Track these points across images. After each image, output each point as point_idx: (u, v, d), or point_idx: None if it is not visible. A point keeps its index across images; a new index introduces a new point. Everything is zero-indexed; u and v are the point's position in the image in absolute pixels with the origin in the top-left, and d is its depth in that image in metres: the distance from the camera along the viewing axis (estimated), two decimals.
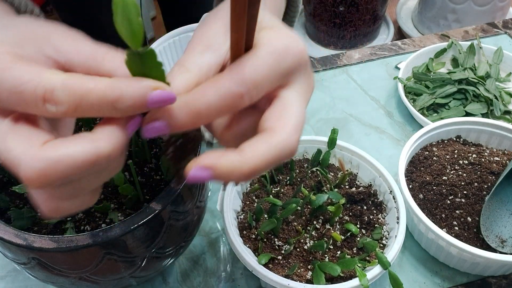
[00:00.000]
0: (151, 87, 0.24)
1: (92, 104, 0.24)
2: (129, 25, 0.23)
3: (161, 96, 0.24)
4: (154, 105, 0.25)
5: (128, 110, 0.24)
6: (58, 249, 0.36)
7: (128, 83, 0.24)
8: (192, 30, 0.73)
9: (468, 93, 0.73)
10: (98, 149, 0.24)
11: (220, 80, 0.26)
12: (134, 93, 0.24)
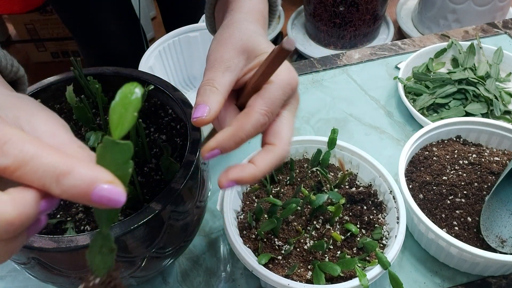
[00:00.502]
0: (105, 179, 0.23)
1: (37, 169, 0.22)
2: (123, 115, 0.23)
3: (109, 193, 0.23)
4: (97, 199, 0.23)
5: (70, 191, 0.23)
6: (58, 249, 0.36)
7: (85, 165, 0.23)
8: (192, 30, 0.73)
9: (468, 93, 0.73)
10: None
11: (252, 114, 0.35)
12: (85, 176, 0.23)
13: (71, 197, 0.23)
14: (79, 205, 0.45)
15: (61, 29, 1.88)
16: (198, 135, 0.45)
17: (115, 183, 0.23)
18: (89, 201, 0.23)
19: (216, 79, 0.37)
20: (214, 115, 0.36)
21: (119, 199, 0.23)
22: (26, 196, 0.23)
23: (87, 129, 0.51)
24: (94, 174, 0.23)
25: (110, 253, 0.27)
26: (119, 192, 0.23)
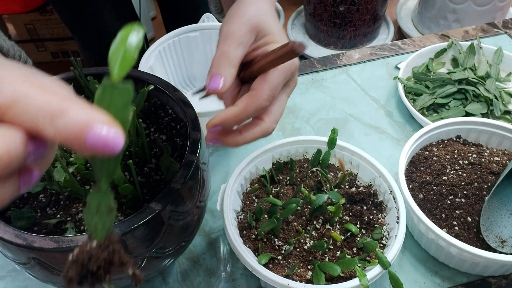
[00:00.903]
0: (102, 120, 0.21)
1: (31, 108, 0.21)
2: (123, 55, 0.22)
3: (106, 136, 0.21)
4: (92, 142, 0.21)
5: (63, 132, 0.21)
6: (58, 249, 0.36)
7: (81, 106, 0.21)
8: (192, 30, 0.73)
9: (468, 93, 0.73)
10: None
11: (257, 99, 0.39)
12: (80, 116, 0.21)
13: (64, 140, 0.21)
14: (79, 205, 0.45)
15: (61, 29, 1.88)
16: (198, 135, 0.45)
17: (112, 125, 0.21)
18: (83, 145, 0.21)
19: (230, 52, 0.40)
20: (227, 87, 0.39)
21: (117, 143, 0.21)
22: (13, 132, 0.21)
23: None
24: (90, 115, 0.21)
25: (109, 213, 0.25)
26: (116, 136, 0.21)
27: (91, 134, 0.21)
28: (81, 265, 0.24)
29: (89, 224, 0.25)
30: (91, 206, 0.25)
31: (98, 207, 0.25)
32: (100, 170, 0.24)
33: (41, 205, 0.46)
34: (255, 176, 0.59)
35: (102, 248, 0.24)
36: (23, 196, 0.46)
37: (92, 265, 0.24)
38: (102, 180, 0.24)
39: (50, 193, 0.47)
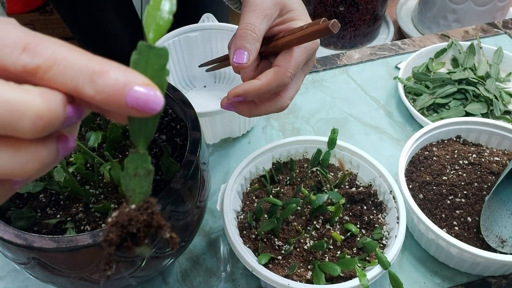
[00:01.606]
0: (141, 81, 0.22)
1: (71, 67, 0.21)
2: (159, 18, 0.22)
3: (146, 96, 0.21)
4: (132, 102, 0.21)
5: (104, 91, 0.21)
6: (58, 249, 0.36)
7: (120, 67, 0.22)
8: (192, 30, 0.73)
9: (468, 93, 0.73)
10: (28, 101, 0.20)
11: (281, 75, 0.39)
12: (120, 76, 0.21)
13: (104, 99, 0.21)
14: (79, 205, 0.45)
15: (61, 29, 1.88)
16: (198, 135, 0.45)
17: (152, 85, 0.22)
18: (124, 104, 0.21)
19: (256, 25, 0.40)
20: (252, 61, 0.40)
21: (157, 103, 0.22)
22: (54, 92, 0.21)
23: (87, 129, 0.51)
24: (130, 76, 0.21)
25: (147, 176, 0.25)
26: (156, 95, 0.22)
27: (131, 93, 0.21)
28: (121, 228, 0.24)
29: (127, 188, 0.25)
30: (129, 170, 0.25)
31: (136, 170, 0.25)
32: (138, 133, 0.24)
33: (41, 205, 0.46)
34: (255, 176, 0.59)
35: (141, 211, 0.24)
36: (22, 196, 0.46)
37: (132, 227, 0.24)
38: (140, 143, 0.24)
39: (50, 193, 0.47)
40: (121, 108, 0.22)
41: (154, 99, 0.22)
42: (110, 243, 0.24)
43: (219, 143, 0.70)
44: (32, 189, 0.45)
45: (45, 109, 0.21)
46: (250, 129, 0.72)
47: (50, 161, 0.23)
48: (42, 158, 0.22)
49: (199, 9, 1.03)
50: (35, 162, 0.22)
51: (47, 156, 0.22)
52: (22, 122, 0.20)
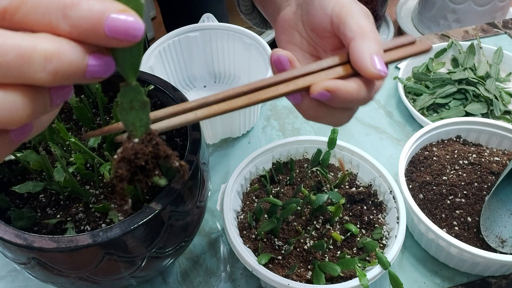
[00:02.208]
0: (117, 8, 0.20)
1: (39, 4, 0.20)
2: None
3: (125, 22, 0.20)
4: (112, 31, 0.20)
5: (80, 24, 0.20)
6: (58, 249, 0.36)
7: None
8: (192, 30, 0.73)
9: (468, 93, 0.73)
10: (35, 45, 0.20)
11: (371, 91, 0.34)
12: (94, 5, 0.20)
13: (82, 33, 0.20)
14: (79, 205, 0.45)
15: None
16: (198, 135, 0.45)
17: (129, 11, 0.21)
18: (103, 35, 0.20)
19: (367, 30, 0.35)
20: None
21: (137, 29, 0.21)
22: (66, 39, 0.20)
23: (87, 129, 0.51)
24: (103, 4, 0.20)
25: (144, 108, 0.24)
26: (135, 21, 0.21)
27: (109, 21, 0.20)
28: (129, 162, 0.24)
29: (126, 123, 0.24)
30: (124, 104, 0.24)
31: (131, 103, 0.24)
32: (125, 64, 0.23)
33: (41, 205, 0.46)
34: (255, 176, 0.59)
35: (145, 143, 0.24)
36: (22, 196, 0.46)
37: (140, 160, 0.24)
38: (129, 75, 0.24)
39: (50, 193, 0.47)
40: (101, 40, 0.21)
41: (134, 25, 0.21)
42: (121, 178, 0.24)
43: (219, 143, 0.70)
44: (32, 189, 0.45)
45: (54, 51, 0.20)
46: (250, 129, 0.72)
47: (41, 108, 0.22)
48: (32, 104, 0.21)
49: (199, 9, 1.03)
50: (26, 108, 0.21)
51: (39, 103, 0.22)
52: (32, 66, 0.20)
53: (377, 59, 0.32)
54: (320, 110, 0.34)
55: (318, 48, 0.41)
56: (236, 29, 0.73)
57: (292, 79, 0.32)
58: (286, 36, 0.42)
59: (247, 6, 0.52)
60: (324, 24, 0.38)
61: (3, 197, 0.45)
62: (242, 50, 0.74)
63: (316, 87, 0.32)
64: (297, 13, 0.41)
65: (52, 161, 0.45)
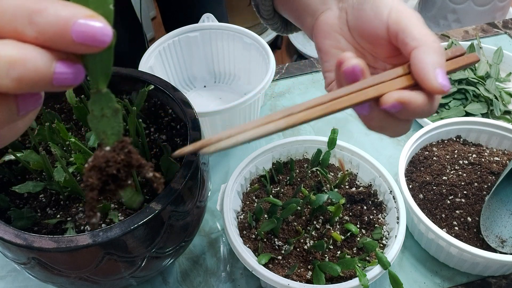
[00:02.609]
0: (84, 14, 0.20)
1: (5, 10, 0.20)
2: None
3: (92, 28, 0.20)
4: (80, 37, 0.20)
5: (46, 30, 0.20)
6: (58, 249, 0.36)
7: (58, 2, 0.20)
8: (192, 30, 0.73)
9: (468, 93, 0.73)
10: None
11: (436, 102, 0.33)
12: (61, 11, 0.20)
13: (49, 40, 0.20)
14: (79, 205, 0.45)
15: None
16: (198, 135, 0.45)
17: (96, 16, 0.20)
18: (71, 41, 0.20)
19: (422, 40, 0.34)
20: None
21: (106, 34, 0.20)
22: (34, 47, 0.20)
23: (87, 129, 0.51)
24: (71, 10, 0.20)
25: (115, 115, 0.24)
26: (103, 26, 0.20)
27: (76, 27, 0.20)
28: (100, 170, 0.23)
29: (96, 132, 0.24)
30: (94, 112, 0.24)
31: (102, 111, 0.24)
32: (95, 70, 0.23)
33: (41, 205, 0.46)
34: (255, 176, 0.59)
35: (117, 151, 0.24)
36: (22, 196, 0.46)
37: (111, 168, 0.23)
38: (99, 82, 0.23)
39: (50, 193, 0.47)
40: (69, 46, 0.20)
41: (102, 31, 0.20)
42: (92, 187, 0.23)
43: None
44: (32, 189, 0.45)
45: (17, 58, 0.19)
46: None
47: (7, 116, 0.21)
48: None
49: (199, 9, 1.03)
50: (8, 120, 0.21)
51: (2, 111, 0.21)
52: None
53: (441, 72, 0.31)
54: (386, 120, 0.33)
55: (366, 54, 0.39)
56: (236, 29, 0.73)
57: (363, 90, 0.32)
58: (331, 41, 0.41)
59: (269, 11, 0.50)
60: (379, 30, 0.36)
61: (3, 197, 0.45)
62: (242, 50, 0.74)
63: (389, 98, 0.31)
64: (342, 17, 0.40)
65: (52, 161, 0.45)
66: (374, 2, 0.37)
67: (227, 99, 0.76)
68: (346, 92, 0.32)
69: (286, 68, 0.83)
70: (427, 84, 0.31)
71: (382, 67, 0.39)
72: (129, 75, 0.51)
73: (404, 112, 0.32)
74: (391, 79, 0.33)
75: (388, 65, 0.38)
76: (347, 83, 0.33)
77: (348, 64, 0.32)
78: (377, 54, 0.39)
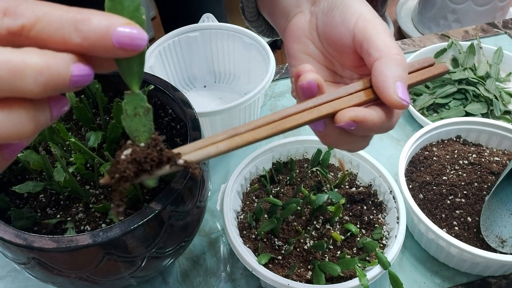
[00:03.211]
0: (122, 22, 0.23)
1: (53, 20, 0.22)
2: None
3: (130, 33, 0.23)
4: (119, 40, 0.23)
5: (90, 36, 0.22)
6: (58, 249, 0.36)
7: (99, 13, 0.23)
8: (192, 30, 0.73)
9: (468, 93, 0.73)
10: (24, 59, 0.21)
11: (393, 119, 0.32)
12: (102, 20, 0.22)
13: (92, 44, 0.22)
14: (79, 205, 0.45)
15: None
16: (198, 135, 0.45)
17: (133, 24, 0.23)
18: (111, 45, 0.23)
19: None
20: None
21: (142, 39, 0.23)
22: (53, 51, 0.22)
23: (87, 129, 0.51)
24: (111, 19, 0.23)
25: (147, 114, 0.26)
26: (139, 32, 0.23)
27: (116, 33, 0.22)
28: (138, 164, 0.25)
29: (130, 130, 0.26)
30: (128, 111, 0.26)
31: (135, 110, 0.26)
32: (129, 72, 0.25)
33: (41, 205, 0.46)
34: (255, 176, 0.59)
35: (151, 148, 0.26)
36: (22, 196, 0.46)
37: (147, 164, 0.25)
38: (133, 83, 0.25)
39: (50, 193, 0.47)
40: (109, 51, 0.23)
41: (138, 36, 0.23)
42: (126, 179, 0.25)
43: None
44: (32, 189, 0.45)
45: (44, 65, 0.22)
46: None
47: (44, 121, 0.24)
48: (36, 118, 0.23)
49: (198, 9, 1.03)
50: (30, 123, 0.23)
51: (41, 116, 0.23)
52: (24, 80, 0.21)
53: (401, 86, 0.30)
54: (341, 137, 0.33)
55: (334, 62, 0.39)
56: (236, 29, 0.73)
57: (317, 106, 0.31)
58: (300, 46, 0.40)
59: (252, 13, 0.50)
60: (345, 39, 0.35)
61: (3, 197, 0.45)
62: (242, 50, 0.74)
63: (342, 117, 0.30)
64: (312, 22, 0.39)
65: (52, 161, 0.45)
66: (343, 9, 0.36)
67: (227, 99, 0.76)
68: (298, 109, 0.31)
69: (286, 68, 0.83)
70: (386, 98, 0.30)
71: (349, 76, 0.38)
72: None
73: (360, 130, 0.31)
74: (349, 94, 0.32)
75: (355, 74, 0.38)
76: (303, 97, 0.32)
77: (304, 79, 0.31)
78: (344, 63, 0.38)
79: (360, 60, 0.36)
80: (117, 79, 0.52)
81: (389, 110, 0.32)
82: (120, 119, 0.47)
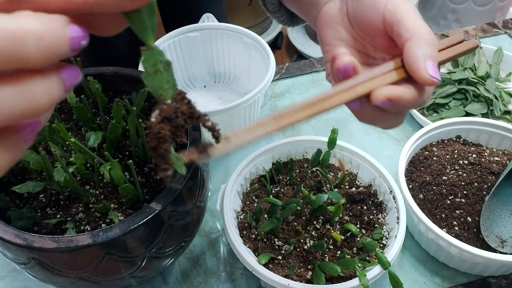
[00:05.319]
0: None
1: None
2: None
3: None
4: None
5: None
6: (58, 249, 0.36)
7: None
8: (192, 30, 0.73)
9: (468, 93, 0.73)
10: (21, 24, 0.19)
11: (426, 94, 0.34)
12: None
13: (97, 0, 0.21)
14: (79, 205, 0.45)
15: None
16: (198, 135, 0.45)
17: None
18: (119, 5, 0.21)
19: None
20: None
21: None
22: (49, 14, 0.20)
23: (87, 129, 0.51)
24: None
25: (168, 68, 0.24)
26: None
27: None
28: (170, 121, 0.24)
29: (153, 89, 0.24)
30: (148, 69, 0.24)
31: (155, 66, 0.24)
32: (142, 26, 0.23)
33: (41, 205, 0.46)
34: (255, 176, 0.59)
35: (178, 102, 0.24)
36: (22, 196, 0.46)
37: (179, 119, 0.24)
38: (148, 37, 0.24)
39: (50, 193, 0.47)
40: (117, 3, 0.21)
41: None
42: (164, 139, 0.23)
43: None
44: (32, 189, 0.45)
45: (43, 29, 0.20)
46: None
47: (58, 93, 0.22)
48: (49, 90, 0.21)
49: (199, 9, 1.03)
50: (44, 95, 0.21)
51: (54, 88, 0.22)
52: (25, 47, 0.19)
53: (431, 65, 0.32)
54: (377, 115, 0.35)
55: (366, 45, 0.40)
56: (236, 29, 0.73)
57: (353, 87, 0.33)
58: (332, 32, 0.41)
59: (274, 4, 0.52)
60: (375, 22, 0.37)
61: (3, 197, 0.45)
62: (242, 50, 0.74)
63: (378, 95, 0.32)
64: (343, 9, 0.41)
65: (52, 161, 0.45)
66: None
67: (227, 99, 0.76)
68: (336, 91, 0.32)
69: (286, 68, 0.83)
70: (417, 76, 0.32)
71: (381, 57, 0.40)
72: (129, 75, 0.51)
73: (394, 107, 0.33)
74: (383, 74, 0.33)
75: (387, 55, 0.39)
76: (339, 79, 0.34)
77: (340, 62, 0.33)
78: (375, 45, 0.39)
79: (391, 41, 0.37)
80: (117, 79, 0.52)
81: (420, 87, 0.33)
82: (120, 119, 0.47)
